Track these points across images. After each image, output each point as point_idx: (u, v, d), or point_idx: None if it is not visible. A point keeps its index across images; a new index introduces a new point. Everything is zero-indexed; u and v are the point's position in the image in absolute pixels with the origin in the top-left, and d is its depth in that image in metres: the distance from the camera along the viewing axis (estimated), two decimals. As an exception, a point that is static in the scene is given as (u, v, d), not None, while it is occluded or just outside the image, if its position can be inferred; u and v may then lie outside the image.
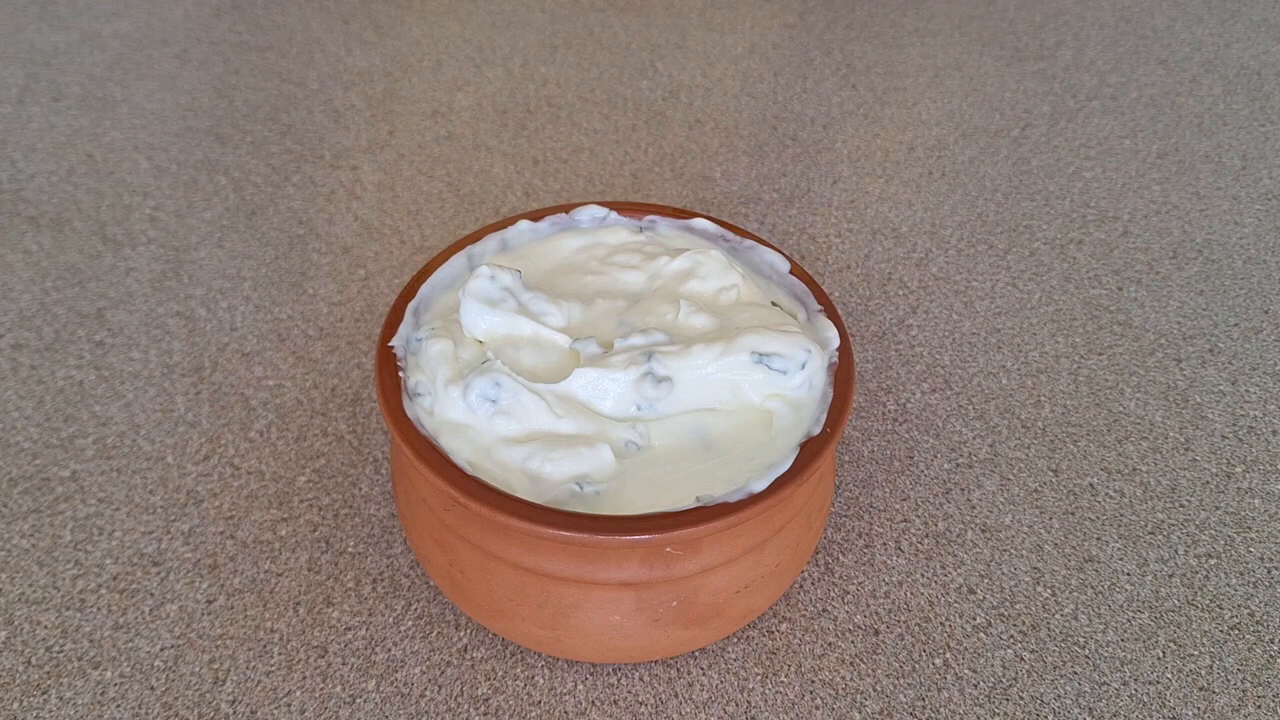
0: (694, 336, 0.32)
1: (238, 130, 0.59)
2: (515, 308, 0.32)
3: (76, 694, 0.33)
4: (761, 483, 0.28)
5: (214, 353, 0.45)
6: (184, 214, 0.53)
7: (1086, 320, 0.49)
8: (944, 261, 0.52)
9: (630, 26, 0.72)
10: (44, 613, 0.35)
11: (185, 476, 0.40)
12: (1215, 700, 0.34)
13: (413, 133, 0.60)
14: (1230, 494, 0.41)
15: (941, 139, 0.61)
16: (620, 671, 0.34)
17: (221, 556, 0.37)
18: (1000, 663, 0.35)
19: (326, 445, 0.41)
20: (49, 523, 0.38)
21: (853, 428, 0.43)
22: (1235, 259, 0.53)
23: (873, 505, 0.40)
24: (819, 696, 0.34)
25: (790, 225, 0.54)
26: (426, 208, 0.54)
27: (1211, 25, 0.74)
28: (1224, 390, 0.45)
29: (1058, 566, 0.38)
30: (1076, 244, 0.54)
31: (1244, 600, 0.37)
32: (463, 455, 0.29)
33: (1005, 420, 0.44)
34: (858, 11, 0.74)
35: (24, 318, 0.46)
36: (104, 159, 0.56)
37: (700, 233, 0.38)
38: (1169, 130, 0.62)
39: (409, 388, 0.31)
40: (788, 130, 0.61)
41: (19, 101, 0.60)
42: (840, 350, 0.32)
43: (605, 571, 0.29)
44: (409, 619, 0.35)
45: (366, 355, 0.45)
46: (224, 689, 0.33)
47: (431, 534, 0.32)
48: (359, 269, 0.50)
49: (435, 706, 0.33)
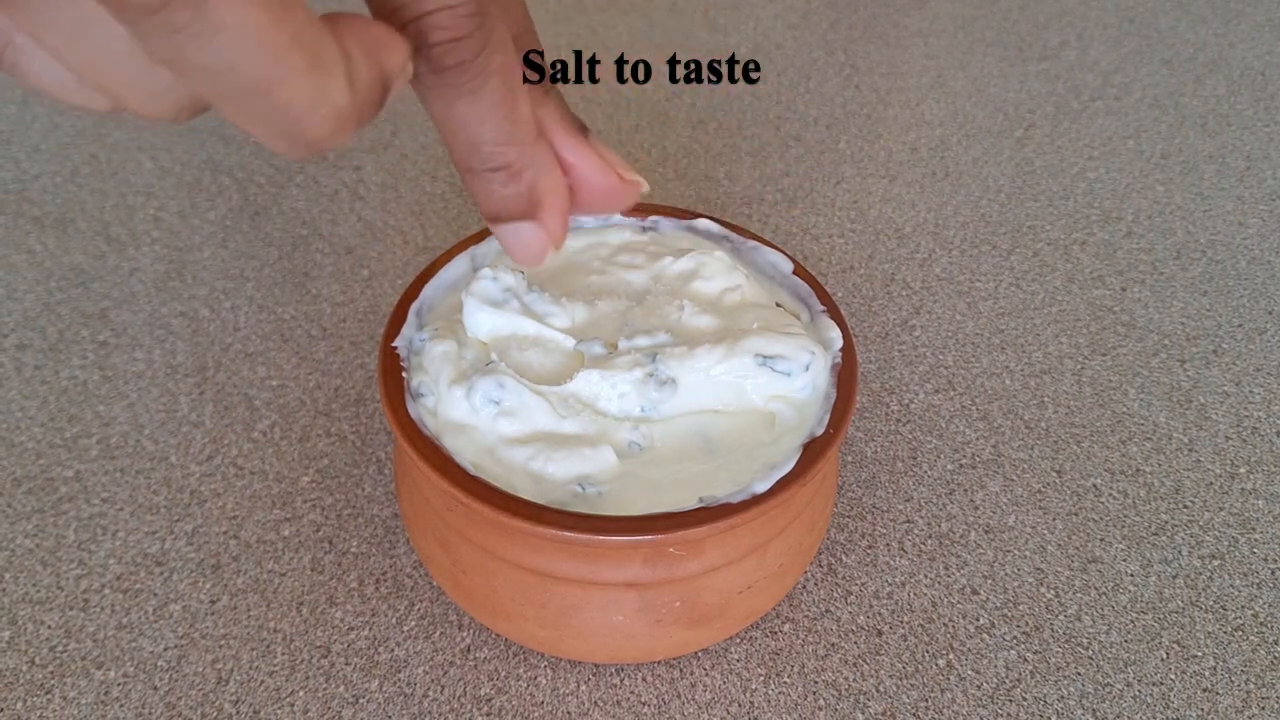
0: (698, 337, 0.32)
1: (241, 130, 0.59)
2: (518, 308, 0.32)
3: (80, 694, 0.33)
4: (764, 483, 0.28)
5: (217, 353, 0.45)
6: (188, 214, 0.53)
7: (1090, 321, 0.49)
8: (947, 262, 0.52)
9: (633, 27, 0.71)
10: (48, 612, 0.35)
11: (189, 477, 0.40)
12: (1219, 701, 0.34)
13: (416, 133, 0.60)
14: (1234, 495, 0.41)
15: (945, 139, 0.61)
16: (623, 672, 0.34)
17: (225, 556, 0.37)
18: (1004, 664, 0.35)
19: (330, 446, 0.41)
20: (53, 523, 0.38)
21: (856, 428, 0.43)
22: (1239, 259, 0.53)
23: (876, 506, 0.40)
24: (822, 697, 0.34)
25: (793, 226, 0.54)
26: (430, 208, 0.54)
27: (1216, 26, 0.74)
28: (1228, 391, 0.45)
29: (1061, 567, 0.38)
30: (1080, 244, 0.53)
31: (1248, 601, 0.37)
32: (466, 456, 0.29)
33: (1009, 421, 0.44)
34: (861, 12, 0.74)
35: (28, 318, 0.46)
36: (108, 159, 0.56)
37: (704, 233, 0.38)
38: (1173, 131, 0.62)
39: (412, 388, 0.31)
40: (791, 131, 0.61)
41: (23, 101, 0.60)
42: (843, 351, 0.32)
43: (608, 572, 0.29)
44: (412, 619, 0.36)
45: (370, 356, 0.45)
46: (227, 689, 0.33)
47: (434, 534, 0.32)
48: (362, 269, 0.50)
49: (438, 707, 0.33)
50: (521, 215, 0.21)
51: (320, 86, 0.14)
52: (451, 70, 0.18)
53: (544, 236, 0.22)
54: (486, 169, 0.20)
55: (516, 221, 0.21)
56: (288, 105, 0.14)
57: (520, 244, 0.22)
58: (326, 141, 0.15)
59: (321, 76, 0.14)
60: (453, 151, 0.20)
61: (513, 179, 0.20)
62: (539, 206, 0.21)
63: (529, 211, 0.21)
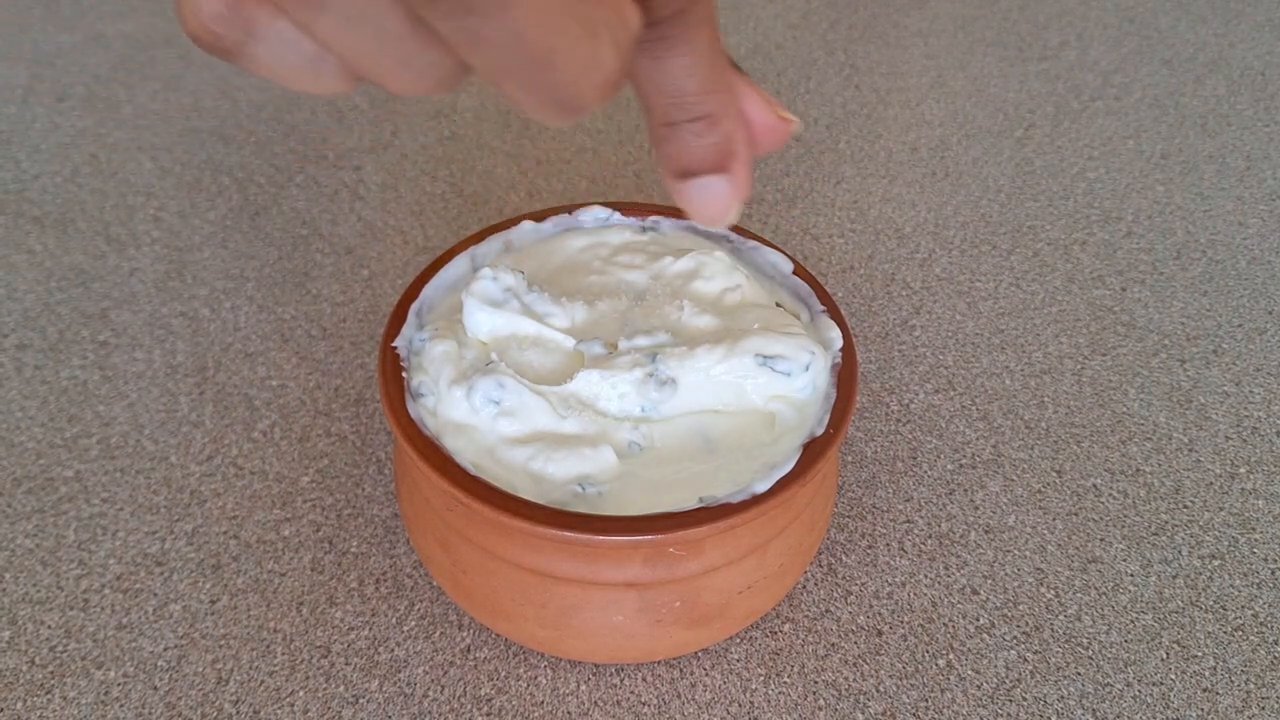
0: (698, 337, 0.32)
1: (241, 130, 0.59)
2: (519, 308, 0.32)
3: (80, 694, 0.33)
4: (764, 483, 0.28)
5: (217, 353, 0.45)
6: (188, 214, 0.53)
7: (1090, 321, 0.49)
8: (947, 262, 0.52)
9: (633, 27, 0.72)
10: (48, 612, 0.35)
11: (189, 477, 0.40)
12: (1219, 701, 0.34)
13: (416, 133, 0.60)
14: (1234, 495, 0.41)
15: (945, 139, 0.61)
16: (623, 672, 0.34)
17: (225, 556, 0.37)
18: (1003, 664, 0.35)
19: (330, 446, 0.41)
20: (53, 523, 0.38)
21: (856, 428, 0.43)
22: (1239, 259, 0.53)
23: (876, 506, 0.40)
24: (822, 697, 0.34)
25: (793, 226, 0.54)
26: (430, 208, 0.54)
27: (1216, 26, 0.74)
28: (1228, 391, 0.45)
29: (1061, 567, 0.38)
30: (1080, 244, 0.53)
31: (1248, 601, 0.37)
32: (466, 456, 0.29)
33: (1009, 421, 0.44)
34: (861, 12, 0.74)
35: (28, 318, 0.46)
36: (108, 159, 0.56)
37: (704, 233, 0.38)
38: (1173, 131, 0.62)
39: (412, 388, 0.31)
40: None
41: (23, 102, 0.60)
42: (843, 351, 0.32)
43: (608, 572, 0.29)
44: (412, 619, 0.36)
45: (370, 356, 0.45)
46: (227, 689, 0.33)
47: (434, 534, 0.32)
48: (362, 269, 0.50)
49: (438, 707, 0.33)
50: (714, 167, 0.21)
51: (594, 51, 0.15)
52: (669, 21, 0.18)
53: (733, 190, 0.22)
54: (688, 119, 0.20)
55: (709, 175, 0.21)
56: (566, 72, 0.15)
57: (711, 198, 0.21)
58: (594, 104, 0.16)
59: (594, 42, 0.15)
60: (653, 109, 0.20)
61: (711, 128, 0.20)
62: (732, 157, 0.21)
63: (722, 163, 0.21)
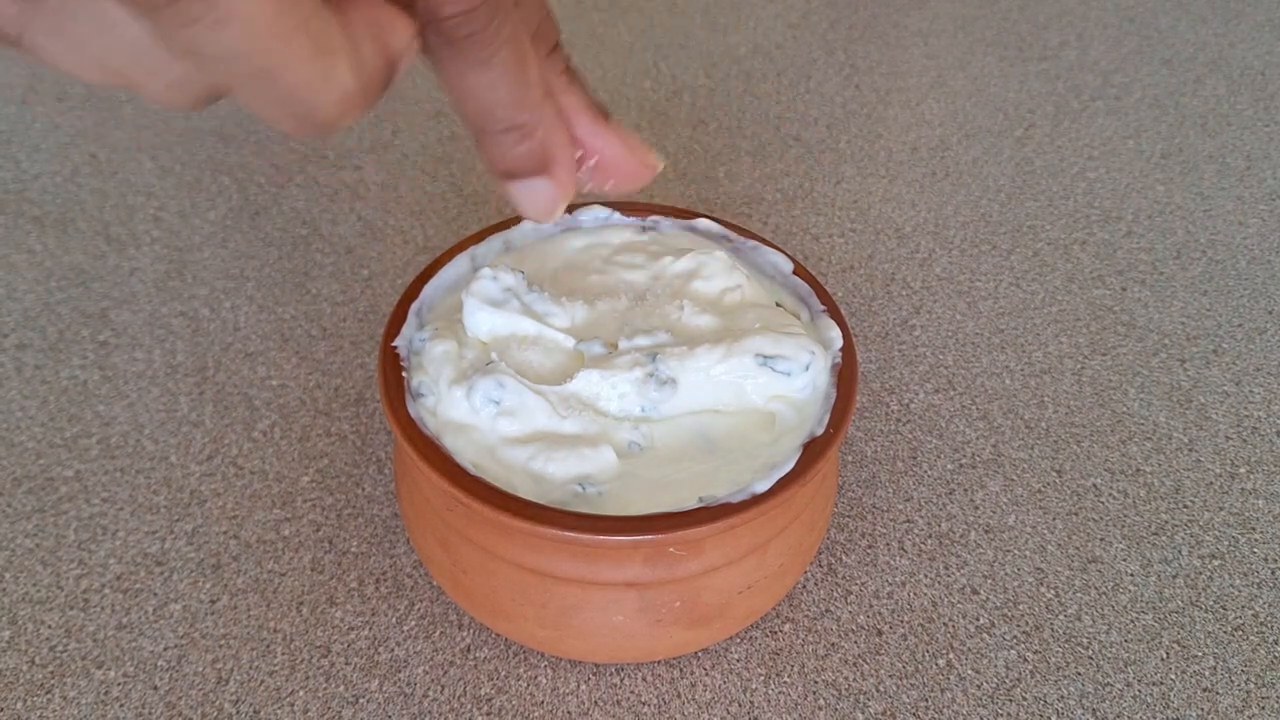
0: (698, 337, 0.32)
1: (241, 130, 0.59)
2: (519, 308, 0.32)
3: (80, 693, 0.33)
4: (764, 483, 0.28)
5: (217, 353, 0.45)
6: (188, 214, 0.53)
7: (1090, 321, 0.49)
8: (947, 262, 0.52)
9: (634, 27, 0.72)
10: (48, 612, 0.35)
11: (189, 476, 0.40)
12: (1219, 701, 0.34)
13: (416, 133, 0.60)
14: (1234, 495, 0.41)
15: (945, 139, 0.61)
16: (623, 672, 0.34)
17: (225, 556, 0.37)
18: (1003, 663, 0.35)
19: (330, 445, 0.41)
20: (53, 522, 0.38)
21: (856, 428, 0.43)
22: (1239, 259, 0.53)
23: (876, 506, 0.40)
24: (822, 697, 0.34)
25: (793, 226, 0.54)
26: (430, 208, 0.54)
27: (1216, 25, 0.74)
28: (1228, 391, 0.45)
29: (1061, 567, 0.38)
30: (1080, 244, 0.53)
31: (1248, 601, 0.37)
32: (466, 455, 0.29)
33: (1009, 421, 0.44)
34: (861, 12, 0.74)
35: (28, 318, 0.46)
36: (108, 159, 0.56)
37: (704, 233, 0.38)
38: (1173, 130, 0.62)
39: (412, 388, 0.31)
40: (791, 130, 0.61)
41: (23, 102, 0.60)
42: (843, 351, 0.32)
43: (608, 572, 0.29)
44: (412, 619, 0.36)
45: (370, 355, 0.45)
46: (227, 689, 0.33)
47: (434, 534, 0.32)
48: (362, 269, 0.50)
49: (438, 706, 0.33)
50: (534, 172, 0.22)
51: (325, 70, 0.15)
52: (463, 42, 0.19)
53: (556, 191, 0.23)
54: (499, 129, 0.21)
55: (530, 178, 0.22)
56: (295, 89, 0.15)
57: (534, 199, 0.23)
58: (336, 122, 0.16)
59: (327, 61, 0.15)
60: (465, 116, 0.21)
61: (525, 138, 0.21)
62: (551, 162, 0.22)
63: (541, 167, 0.22)
